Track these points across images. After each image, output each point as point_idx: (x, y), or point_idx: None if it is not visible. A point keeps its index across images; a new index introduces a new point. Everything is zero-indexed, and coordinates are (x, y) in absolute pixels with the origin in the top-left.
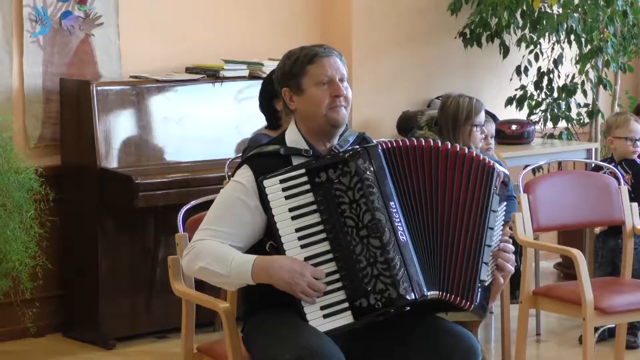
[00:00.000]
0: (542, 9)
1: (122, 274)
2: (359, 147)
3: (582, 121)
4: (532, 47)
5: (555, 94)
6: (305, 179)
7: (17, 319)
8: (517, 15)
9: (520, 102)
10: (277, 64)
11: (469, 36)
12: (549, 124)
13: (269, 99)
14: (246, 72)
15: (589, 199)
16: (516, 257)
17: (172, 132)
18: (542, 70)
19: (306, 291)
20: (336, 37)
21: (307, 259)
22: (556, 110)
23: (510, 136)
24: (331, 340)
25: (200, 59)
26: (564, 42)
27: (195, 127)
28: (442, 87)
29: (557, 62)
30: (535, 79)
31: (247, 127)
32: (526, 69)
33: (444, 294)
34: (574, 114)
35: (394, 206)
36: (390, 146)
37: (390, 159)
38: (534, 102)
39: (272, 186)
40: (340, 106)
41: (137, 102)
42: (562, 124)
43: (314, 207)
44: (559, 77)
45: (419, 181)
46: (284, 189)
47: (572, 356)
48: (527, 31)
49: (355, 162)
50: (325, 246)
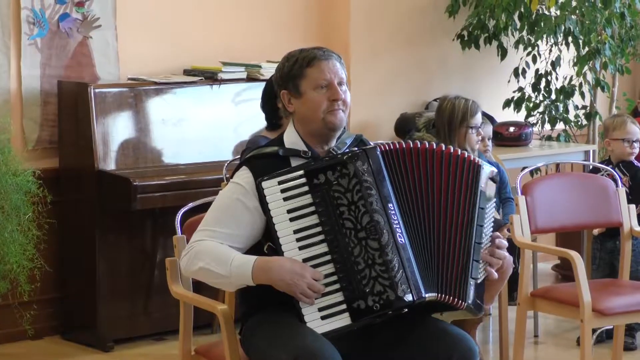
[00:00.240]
0: (540, 11)
1: (120, 276)
2: (357, 149)
3: (579, 123)
4: (529, 49)
5: (553, 96)
6: (303, 180)
7: (15, 321)
8: (515, 17)
9: (518, 104)
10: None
11: (466, 38)
12: (547, 126)
13: (273, 97)
14: (244, 75)
15: (586, 200)
16: (514, 259)
17: (170, 135)
18: (539, 72)
19: (306, 292)
20: (334, 39)
21: (305, 260)
22: (554, 112)
23: (508, 138)
24: (329, 342)
25: (198, 61)
26: (561, 44)
27: (193, 129)
28: (440, 89)
29: (554, 64)
30: (533, 80)
31: (245, 129)
32: (524, 71)
33: (441, 295)
34: (571, 116)
35: (393, 208)
36: (388, 148)
37: (388, 161)
38: (531, 104)
39: (271, 187)
40: (338, 110)
41: (135, 105)
42: (560, 125)
43: (313, 208)
44: (557, 79)
45: (415, 183)
46: (283, 191)
47: (570, 358)
48: (524, 33)
49: (353, 164)
50: (323, 248)
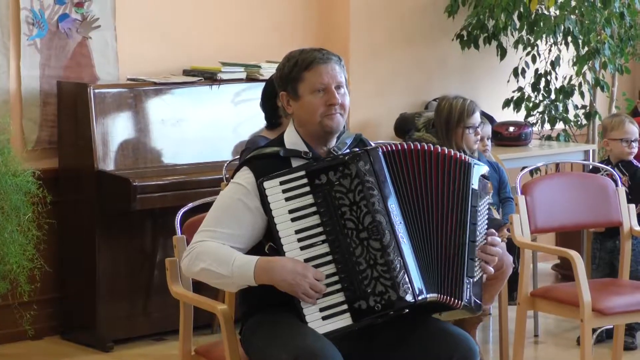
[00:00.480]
0: (539, 11)
1: (119, 277)
2: (359, 149)
3: (579, 123)
4: (529, 49)
5: (552, 96)
6: (305, 180)
7: (15, 321)
8: (514, 17)
9: (517, 103)
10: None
11: (466, 38)
12: (547, 126)
13: (273, 96)
14: (243, 75)
15: (586, 200)
16: (514, 259)
17: (170, 135)
18: (539, 72)
19: (308, 292)
20: (334, 40)
21: (306, 260)
22: (553, 112)
23: (507, 138)
24: (330, 342)
25: (197, 61)
26: (561, 44)
27: (192, 129)
28: (440, 89)
29: (554, 64)
30: (532, 80)
31: (244, 129)
32: (523, 71)
33: (441, 295)
34: (571, 116)
35: (394, 208)
36: (390, 149)
37: (390, 161)
38: (531, 104)
39: (273, 187)
40: (335, 114)
41: (134, 105)
42: (560, 125)
43: (314, 209)
44: (556, 78)
45: (415, 184)
46: (284, 191)
47: (570, 358)
48: (524, 33)
49: (356, 165)
50: (324, 248)
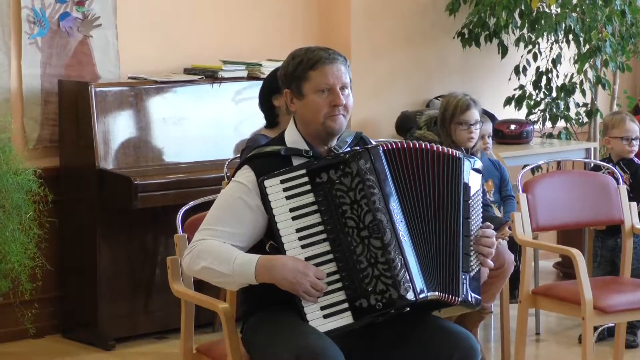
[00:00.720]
0: (541, 9)
1: (121, 275)
2: (360, 147)
3: (580, 121)
4: (530, 46)
5: (553, 94)
6: (306, 179)
7: (17, 320)
8: (516, 15)
9: (519, 101)
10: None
11: (467, 36)
12: (548, 124)
13: (268, 95)
14: (245, 73)
15: (587, 198)
16: (515, 257)
17: (171, 133)
18: (540, 70)
19: (309, 291)
20: (335, 37)
21: (307, 259)
22: (555, 109)
23: (509, 136)
24: (331, 340)
25: (198, 60)
26: (562, 42)
27: (193, 128)
28: (441, 88)
29: (555, 61)
30: (533, 78)
31: (245, 127)
32: (525, 69)
33: (441, 293)
34: (572, 114)
35: (395, 207)
36: (390, 147)
37: (390, 159)
38: (532, 102)
39: (273, 186)
40: (338, 115)
41: (135, 103)
42: (561, 123)
43: (315, 207)
44: (558, 76)
45: (415, 182)
46: (285, 189)
47: (571, 355)
48: (525, 31)
49: (356, 163)
50: (325, 247)
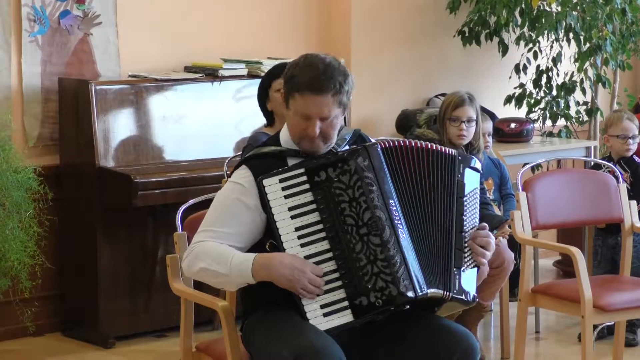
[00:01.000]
0: (541, 7)
1: (121, 273)
2: (358, 145)
3: (581, 119)
4: (530, 45)
5: (554, 92)
6: (304, 178)
7: (16, 318)
8: (516, 13)
9: (519, 100)
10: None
11: (467, 35)
12: (548, 122)
13: (261, 98)
14: (245, 71)
15: (587, 196)
16: (515, 255)
17: (171, 131)
18: (541, 68)
19: (307, 287)
20: (335, 36)
21: (307, 257)
22: (555, 108)
23: (509, 134)
24: (331, 339)
25: (199, 58)
26: (562, 40)
27: (194, 126)
28: (441, 86)
29: (555, 60)
30: (534, 77)
31: (246, 125)
32: (525, 67)
33: (438, 290)
34: (573, 112)
35: (394, 204)
36: (388, 145)
37: (388, 157)
38: (532, 100)
39: (272, 185)
40: (312, 140)
41: (135, 102)
42: (561, 122)
43: (314, 206)
44: (558, 75)
45: (413, 179)
46: (284, 188)
47: (571, 354)
48: (525, 29)
49: (355, 161)
50: (324, 245)
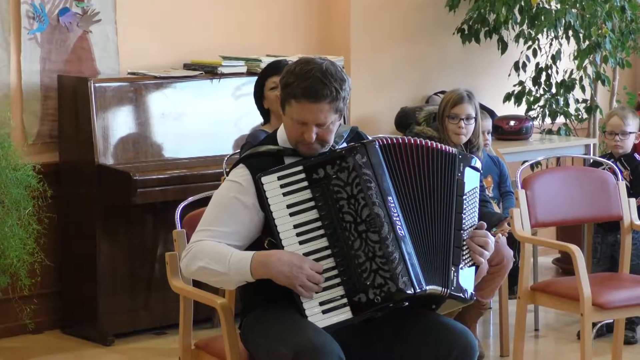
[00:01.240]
0: (540, 5)
1: (120, 271)
2: (356, 143)
3: (580, 117)
4: (530, 42)
5: (553, 90)
6: (303, 175)
7: (16, 315)
8: (515, 11)
9: (518, 97)
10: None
11: (467, 32)
12: (547, 120)
13: (257, 97)
14: (244, 69)
15: (587, 194)
16: (514, 253)
17: (170, 129)
18: (540, 66)
19: (305, 284)
20: (335, 34)
21: (305, 255)
22: (554, 106)
23: (508, 132)
24: (330, 336)
25: (198, 55)
26: (562, 38)
27: (193, 123)
28: (441, 84)
29: (555, 57)
30: (533, 74)
31: (245, 123)
32: (524, 65)
33: (437, 287)
34: (572, 110)
35: (392, 201)
36: (386, 142)
37: (387, 154)
38: (532, 98)
39: (270, 183)
40: (309, 145)
41: (135, 99)
42: (561, 119)
43: (312, 203)
44: (557, 72)
45: (411, 176)
46: (282, 186)
47: (570, 351)
48: (525, 27)
49: (353, 158)
50: (323, 242)
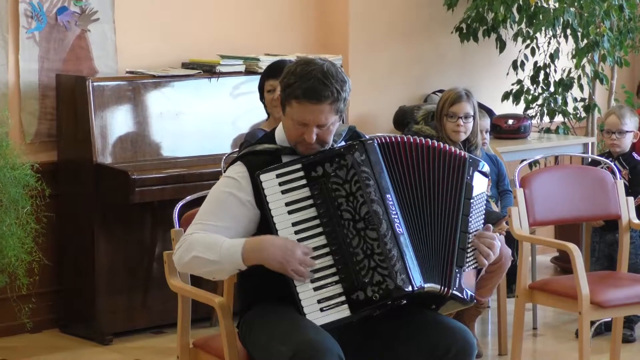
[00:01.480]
0: (539, 4)
1: (118, 270)
2: (354, 141)
3: (578, 116)
4: (528, 41)
5: (551, 89)
6: (301, 173)
7: (14, 314)
8: (514, 9)
9: (516, 96)
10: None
11: (465, 31)
12: (546, 119)
13: (261, 95)
14: (242, 68)
15: (585, 193)
16: (512, 252)
17: (168, 128)
18: (538, 64)
19: (298, 269)
20: (333, 33)
21: None
22: (553, 104)
23: (506, 131)
24: (329, 334)
25: (196, 54)
26: (560, 37)
27: (191, 122)
28: (439, 82)
29: (553, 56)
30: (531, 73)
31: (243, 122)
32: (522, 64)
33: (436, 285)
34: (570, 109)
35: (391, 199)
36: (385, 141)
37: (385, 152)
38: (530, 97)
39: (269, 180)
40: (309, 146)
41: (133, 98)
42: (559, 118)
43: (311, 201)
44: (556, 71)
45: (411, 175)
46: (281, 184)
47: (568, 350)
48: (523, 26)
49: (351, 155)
50: (322, 240)
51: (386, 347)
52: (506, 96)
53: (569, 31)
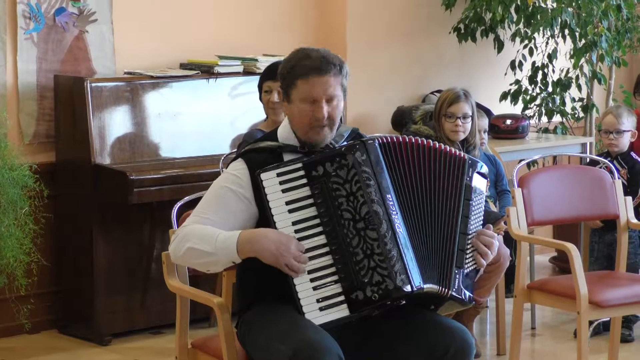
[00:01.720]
0: (537, 4)
1: (117, 270)
2: (355, 141)
3: (576, 115)
4: (526, 41)
5: (549, 89)
6: (302, 172)
7: (12, 315)
8: (512, 10)
9: (514, 96)
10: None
11: (463, 31)
12: (544, 119)
13: (260, 94)
14: (240, 68)
15: (583, 193)
16: (511, 252)
17: (167, 128)
18: (536, 64)
19: (292, 264)
20: (331, 32)
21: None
22: (551, 104)
23: (504, 131)
24: (328, 334)
25: (194, 54)
26: (558, 37)
27: (189, 123)
28: (437, 82)
29: (551, 56)
30: (529, 73)
31: (241, 122)
32: (520, 64)
33: (436, 286)
34: (568, 109)
35: (391, 199)
36: (386, 141)
37: (386, 153)
38: (528, 97)
39: (270, 179)
40: (321, 127)
41: (131, 99)
42: (557, 118)
43: (311, 200)
44: (554, 71)
45: (411, 175)
46: (281, 182)
47: (567, 350)
48: (521, 26)
49: (352, 155)
50: (321, 239)
51: (385, 347)
52: (504, 96)
53: (566, 31)
